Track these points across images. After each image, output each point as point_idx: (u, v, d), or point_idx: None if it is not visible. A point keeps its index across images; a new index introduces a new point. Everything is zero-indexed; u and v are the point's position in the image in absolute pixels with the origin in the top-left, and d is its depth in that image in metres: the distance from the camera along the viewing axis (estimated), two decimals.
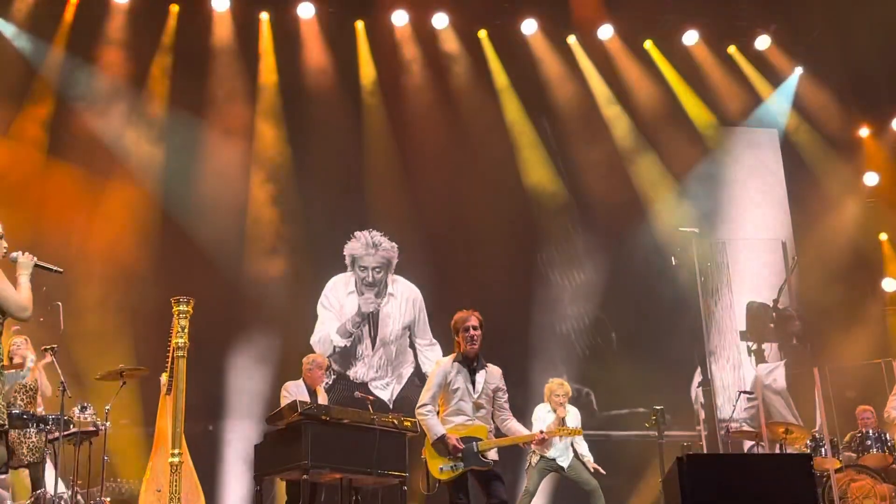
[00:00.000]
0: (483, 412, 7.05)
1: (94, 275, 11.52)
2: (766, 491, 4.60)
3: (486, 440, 6.96)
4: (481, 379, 7.06)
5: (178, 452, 7.57)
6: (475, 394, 7.03)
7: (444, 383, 7.03)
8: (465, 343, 7.05)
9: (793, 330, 13.80)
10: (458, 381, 7.02)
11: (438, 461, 6.93)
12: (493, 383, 7.14)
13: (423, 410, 7.03)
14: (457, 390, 7.00)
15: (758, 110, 14.40)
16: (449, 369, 7.06)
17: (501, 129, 13.67)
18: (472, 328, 7.06)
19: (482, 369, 7.10)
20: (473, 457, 6.88)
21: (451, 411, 7.03)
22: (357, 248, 12.75)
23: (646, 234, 13.56)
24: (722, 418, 12.90)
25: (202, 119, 12.57)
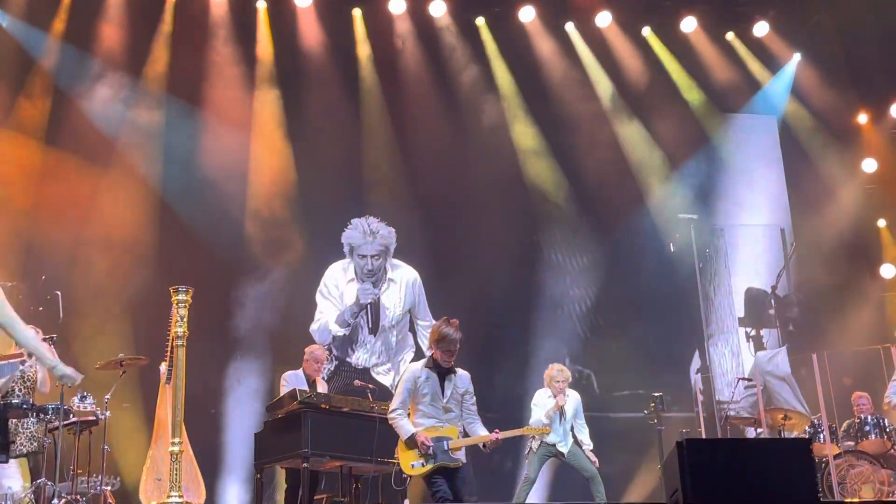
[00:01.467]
0: (452, 415, 7.32)
1: (93, 264, 11.52)
2: (765, 476, 4.61)
3: (456, 440, 7.22)
4: (450, 384, 7.32)
5: (178, 441, 7.58)
6: (444, 398, 7.29)
7: (414, 388, 7.28)
8: (444, 357, 7.27)
9: (790, 316, 13.82)
10: (428, 386, 7.26)
11: (410, 458, 7.18)
12: (462, 387, 7.40)
13: (393, 414, 7.30)
14: (426, 395, 7.26)
15: (756, 97, 14.38)
16: (419, 375, 7.30)
17: (500, 116, 13.66)
18: (453, 352, 7.28)
19: (451, 374, 7.35)
20: (443, 454, 7.14)
21: (421, 414, 7.29)
22: (355, 236, 12.75)
23: (645, 219, 13.58)
24: (720, 400, 12.95)
25: (200, 107, 12.56)
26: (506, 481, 11.69)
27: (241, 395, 11.76)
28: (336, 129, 13.05)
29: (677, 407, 12.72)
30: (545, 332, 12.97)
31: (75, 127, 12.02)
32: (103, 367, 9.28)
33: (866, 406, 10.94)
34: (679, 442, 4.68)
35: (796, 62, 14.31)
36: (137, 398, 10.84)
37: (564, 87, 13.84)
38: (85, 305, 11.24)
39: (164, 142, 12.31)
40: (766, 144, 14.50)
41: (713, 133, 14.18)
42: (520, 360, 12.66)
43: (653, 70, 14.09)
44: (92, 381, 9.59)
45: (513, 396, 12.47)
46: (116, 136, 12.17)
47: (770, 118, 14.57)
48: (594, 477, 9.27)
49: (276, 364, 11.62)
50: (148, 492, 8.81)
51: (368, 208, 12.97)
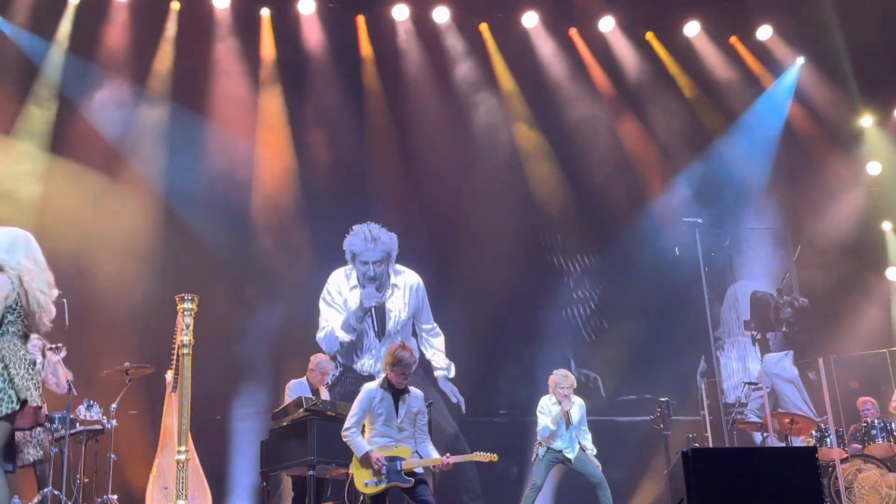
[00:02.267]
0: (405, 434, 7.52)
1: (98, 272, 11.53)
2: (770, 485, 4.61)
3: (409, 460, 7.39)
4: (404, 404, 7.52)
5: (185, 450, 7.58)
6: (398, 418, 7.49)
7: (369, 408, 7.51)
8: (398, 379, 7.48)
9: (786, 317, 13.79)
10: (383, 406, 7.48)
11: (363, 476, 7.38)
12: (416, 408, 7.61)
13: (347, 433, 7.50)
14: (381, 415, 7.48)
15: (760, 100, 14.36)
16: (374, 395, 7.52)
17: (502, 120, 13.67)
18: (407, 375, 7.51)
19: (405, 395, 7.55)
20: (396, 474, 7.34)
21: (375, 433, 7.50)
22: (356, 243, 12.73)
23: (649, 224, 13.57)
24: (727, 403, 12.93)
25: (204, 113, 12.58)
26: (512, 488, 11.69)
27: (247, 402, 11.77)
28: (340, 135, 13.07)
29: (683, 411, 12.70)
30: (550, 336, 12.97)
31: (80, 134, 12.05)
32: (109, 376, 9.29)
33: (872, 411, 10.93)
34: (684, 451, 4.68)
35: (800, 65, 14.29)
36: (143, 406, 10.84)
37: (567, 90, 13.84)
38: (91, 313, 11.23)
39: (169, 148, 12.32)
40: (771, 147, 14.47)
41: (717, 136, 14.16)
42: (524, 365, 12.66)
43: (656, 74, 14.08)
44: (98, 389, 9.63)
45: (517, 401, 12.48)
46: (121, 143, 12.19)
47: (774, 121, 14.53)
48: (601, 482, 9.26)
49: (281, 372, 11.61)
50: (154, 500, 8.81)
51: (372, 212, 12.97)
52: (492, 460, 7.92)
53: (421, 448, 7.59)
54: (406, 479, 7.34)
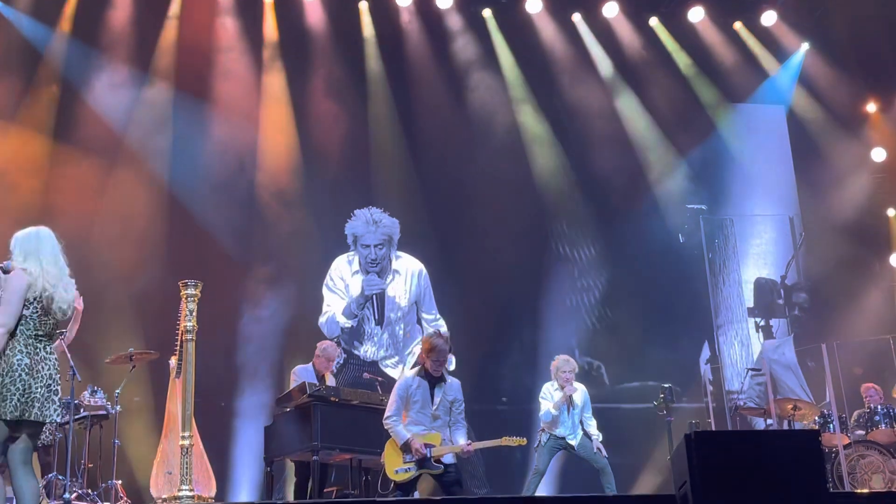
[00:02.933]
0: (439, 423, 7.62)
1: (102, 258, 11.53)
2: (774, 468, 4.61)
3: (438, 447, 7.49)
4: (440, 392, 7.62)
5: (189, 435, 7.60)
6: (433, 406, 7.59)
7: (406, 396, 7.61)
8: (434, 367, 7.60)
9: (798, 302, 13.79)
10: (419, 394, 7.59)
11: (395, 464, 7.49)
12: (452, 396, 7.69)
13: (388, 421, 7.60)
14: (416, 402, 7.59)
15: (764, 86, 14.33)
16: (411, 383, 7.64)
17: (506, 107, 13.65)
18: (442, 361, 7.62)
19: (442, 383, 7.65)
20: (426, 462, 7.44)
21: (410, 421, 7.60)
22: (358, 226, 12.73)
23: (653, 210, 13.56)
24: (730, 390, 12.94)
25: (207, 100, 12.57)
26: (515, 474, 11.72)
27: (251, 388, 11.79)
28: (342, 117, 13.05)
29: (687, 398, 12.71)
30: (553, 323, 12.98)
31: (83, 121, 12.06)
32: (113, 362, 9.31)
33: (875, 397, 10.92)
34: (687, 434, 4.68)
35: (804, 51, 14.25)
36: (148, 392, 10.87)
37: (571, 77, 13.83)
38: (94, 300, 11.20)
39: (172, 133, 12.33)
40: (775, 134, 14.45)
41: (721, 123, 14.14)
42: (528, 352, 12.67)
43: (660, 59, 14.05)
44: (102, 375, 9.65)
45: (520, 388, 12.48)
46: (124, 130, 12.20)
47: (778, 108, 14.52)
48: (604, 468, 9.25)
49: (285, 357, 11.65)
50: (159, 485, 8.83)
51: (375, 200, 12.96)
52: (521, 444, 8.02)
53: (452, 435, 7.65)
54: (435, 465, 7.43)
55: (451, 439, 7.64)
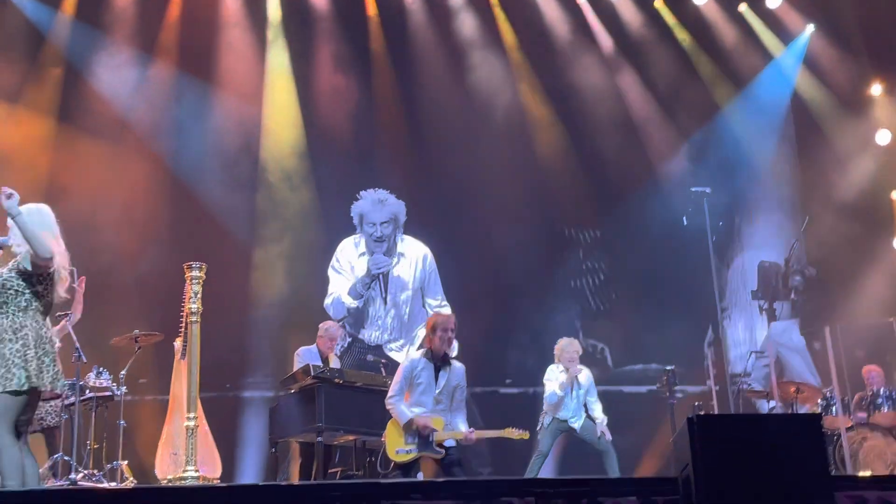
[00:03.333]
0: (442, 406, 7.58)
1: (107, 239, 11.56)
2: (776, 451, 4.62)
3: (440, 432, 7.46)
4: (444, 376, 7.58)
5: (194, 416, 7.66)
6: (437, 389, 7.56)
7: (411, 377, 7.58)
8: (441, 343, 7.56)
9: (794, 285, 13.78)
10: (423, 376, 7.56)
11: (396, 444, 7.49)
12: (455, 381, 7.65)
13: (391, 401, 7.59)
14: (420, 384, 7.56)
15: (769, 68, 14.26)
16: (416, 364, 7.62)
17: (511, 88, 13.61)
18: (451, 331, 7.59)
19: (447, 367, 7.61)
20: (427, 444, 7.44)
21: (412, 402, 7.57)
22: (364, 205, 12.72)
23: (657, 193, 13.52)
24: (734, 373, 12.96)
25: (211, 81, 12.56)
26: (518, 455, 11.75)
27: (256, 369, 11.82)
28: (346, 97, 13.03)
29: (690, 381, 12.74)
30: (557, 305, 12.99)
31: (87, 102, 12.06)
32: (118, 343, 9.35)
33: (877, 379, 10.93)
34: (690, 417, 4.70)
35: (809, 33, 14.18)
36: (153, 374, 10.91)
37: (574, 56, 13.77)
38: (99, 281, 11.27)
39: (176, 115, 12.32)
40: (779, 116, 14.39)
41: (725, 105, 14.09)
42: (532, 334, 12.68)
43: (665, 41, 14.00)
44: (107, 357, 9.69)
45: (524, 370, 12.51)
46: (128, 111, 12.19)
47: (783, 90, 14.45)
48: (607, 451, 9.31)
49: (290, 339, 11.67)
50: (164, 466, 8.89)
51: (379, 180, 12.95)
52: (523, 437, 7.95)
53: (453, 421, 7.65)
54: (437, 450, 7.44)
55: (452, 424, 7.65)
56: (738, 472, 4.59)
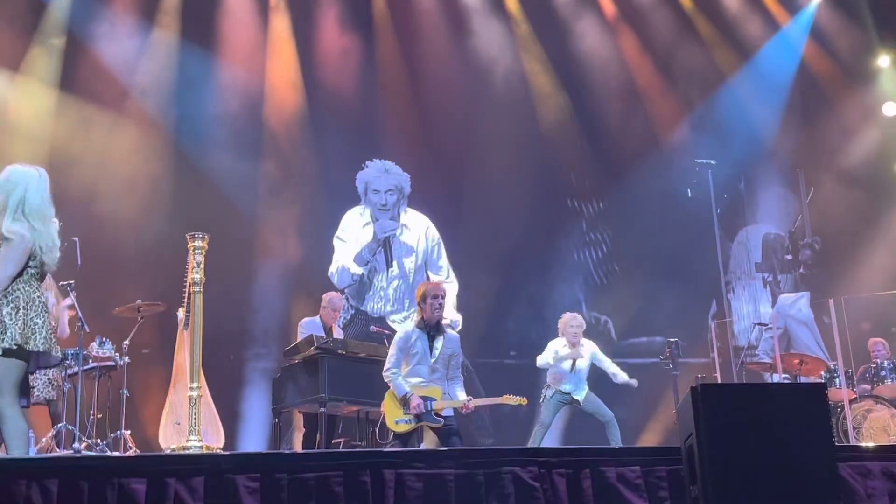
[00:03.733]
0: (438, 375, 7.62)
1: (109, 209, 11.54)
2: (780, 420, 4.61)
3: (439, 401, 7.50)
4: (439, 345, 7.61)
5: (197, 386, 7.65)
6: (432, 358, 7.58)
7: (406, 348, 7.61)
8: (433, 311, 7.58)
9: (804, 260, 13.76)
10: (418, 346, 7.59)
11: (395, 415, 7.54)
12: (450, 349, 7.67)
13: (388, 374, 7.63)
14: (416, 354, 7.59)
15: (775, 38, 14.16)
16: (410, 335, 7.64)
17: (514, 57, 13.52)
18: (440, 297, 7.62)
19: (441, 336, 7.63)
20: (426, 415, 7.48)
21: (408, 373, 7.61)
22: (369, 173, 12.73)
23: (662, 165, 13.48)
24: (737, 346, 12.96)
25: (213, 50, 12.50)
26: (521, 426, 11.78)
27: (259, 340, 11.83)
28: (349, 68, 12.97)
29: (693, 353, 12.74)
30: (561, 277, 12.98)
31: (88, 71, 11.99)
32: (121, 313, 9.34)
33: (882, 352, 10.93)
34: (693, 387, 4.68)
35: (816, 3, 14.07)
36: (155, 344, 10.91)
37: (579, 27, 13.68)
38: (102, 252, 11.26)
39: (178, 84, 12.25)
40: (785, 87, 14.31)
41: (731, 75, 14.00)
42: (535, 306, 12.69)
43: (670, 11, 13.90)
44: (110, 326, 9.69)
45: (528, 342, 12.50)
46: (130, 80, 12.13)
47: (789, 61, 14.36)
48: (610, 421, 9.34)
49: (293, 309, 11.68)
50: (167, 436, 8.90)
51: (382, 149, 12.92)
52: (521, 403, 7.98)
53: (451, 390, 7.68)
54: (435, 419, 7.47)
55: (450, 393, 7.67)
56: (742, 441, 4.58)
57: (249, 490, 5.27)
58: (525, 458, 5.74)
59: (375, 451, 6.21)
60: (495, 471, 5.62)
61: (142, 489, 5.15)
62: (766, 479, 4.51)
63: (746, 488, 4.51)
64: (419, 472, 5.54)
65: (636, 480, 5.74)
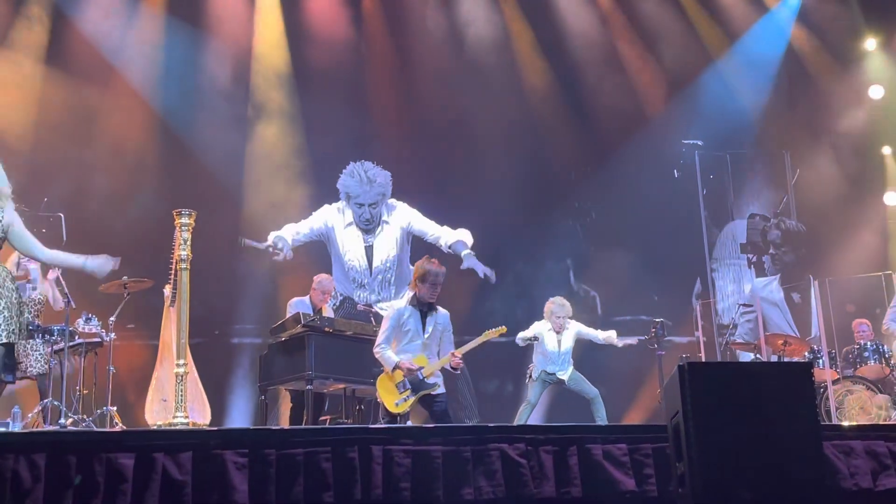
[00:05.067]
0: (429, 353, 7.57)
1: (95, 185, 11.50)
2: (766, 398, 4.65)
3: (427, 366, 7.48)
4: (431, 322, 7.59)
5: (183, 363, 7.65)
6: (425, 335, 7.56)
7: (398, 325, 7.59)
8: (429, 293, 7.55)
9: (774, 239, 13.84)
10: (410, 323, 7.56)
11: (392, 398, 7.48)
12: (442, 326, 7.65)
13: (377, 349, 7.59)
14: (408, 332, 7.55)
15: (763, 20, 14.17)
16: (403, 312, 7.63)
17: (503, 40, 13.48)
18: (440, 284, 7.59)
19: (433, 313, 7.62)
20: (420, 383, 7.45)
21: (400, 349, 7.56)
22: (352, 185, 12.53)
23: (649, 145, 13.47)
24: (721, 325, 13.04)
25: (200, 27, 12.41)
26: (506, 405, 11.83)
27: (246, 317, 11.82)
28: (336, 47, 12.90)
29: (678, 332, 12.80)
30: (549, 248, 12.96)
31: (75, 46, 11.90)
32: (107, 290, 9.31)
33: (867, 333, 11.01)
34: (681, 365, 4.71)
35: None
36: (142, 320, 10.90)
37: (568, 8, 13.64)
38: (88, 227, 11.23)
39: (164, 61, 12.17)
40: (772, 69, 14.33)
41: (718, 57, 14.01)
42: (521, 284, 12.70)
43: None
44: (96, 303, 9.66)
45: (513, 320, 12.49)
46: (116, 56, 12.04)
47: (777, 43, 14.37)
48: (595, 398, 9.40)
49: (280, 286, 11.68)
50: (153, 412, 8.91)
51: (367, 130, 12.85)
52: (502, 332, 7.99)
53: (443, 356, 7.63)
54: (430, 384, 7.44)
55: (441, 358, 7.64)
56: (728, 419, 4.62)
57: (237, 465, 5.29)
58: (512, 435, 5.78)
59: (363, 428, 6.23)
60: (482, 447, 5.66)
61: (129, 464, 5.16)
62: (752, 458, 4.55)
63: (733, 466, 4.56)
64: (407, 449, 5.57)
65: (622, 458, 5.79)
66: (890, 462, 6.02)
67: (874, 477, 5.98)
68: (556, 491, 5.64)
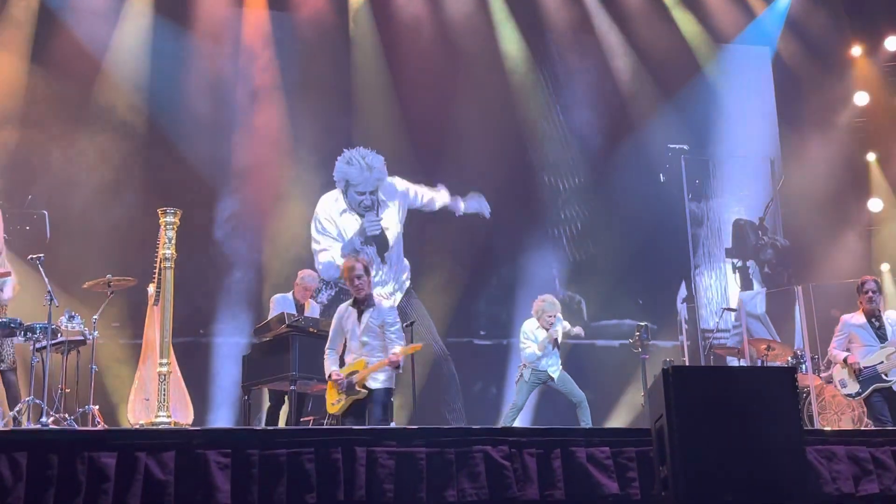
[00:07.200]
0: (368, 348, 7.47)
1: (79, 183, 11.44)
2: (750, 402, 4.67)
3: (360, 371, 7.38)
4: (367, 317, 7.49)
5: (167, 362, 7.63)
6: (359, 331, 7.48)
7: (340, 327, 7.60)
8: (353, 290, 7.54)
9: (768, 258, 13.89)
10: (349, 323, 7.55)
11: (330, 397, 7.54)
12: (380, 319, 7.53)
13: (325, 354, 7.63)
14: (349, 331, 7.55)
15: (750, 27, 14.23)
16: (343, 313, 7.61)
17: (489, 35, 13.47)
18: (356, 278, 7.49)
19: (370, 308, 7.52)
20: (350, 388, 7.39)
21: (346, 350, 7.59)
22: (352, 173, 12.54)
23: (635, 149, 13.50)
24: (705, 329, 13.08)
25: (188, 27, 12.36)
26: (491, 407, 11.84)
27: (230, 316, 11.78)
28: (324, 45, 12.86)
29: (662, 336, 12.83)
30: (535, 254, 12.97)
31: (61, 45, 11.82)
32: (91, 288, 9.27)
33: None
34: (665, 369, 4.73)
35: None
36: (125, 319, 10.84)
37: (557, 12, 13.65)
38: (72, 225, 11.19)
39: (151, 59, 12.11)
40: (759, 76, 14.40)
41: (706, 63, 14.06)
42: (506, 286, 12.69)
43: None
44: (80, 301, 9.62)
45: (498, 322, 12.54)
46: (103, 54, 11.97)
47: (763, 49, 14.45)
48: (581, 402, 9.39)
49: (264, 285, 11.65)
50: (136, 411, 8.87)
51: (357, 130, 12.82)
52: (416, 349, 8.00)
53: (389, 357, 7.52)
54: (359, 391, 7.36)
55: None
56: (712, 423, 4.64)
57: (220, 465, 5.27)
58: (496, 437, 5.78)
59: (347, 429, 6.22)
60: (466, 449, 5.66)
61: (111, 463, 5.14)
62: (735, 462, 4.57)
63: (715, 470, 4.57)
64: (390, 450, 5.56)
65: (605, 461, 5.79)
66: (872, 467, 6.05)
67: (856, 482, 6.00)
68: (539, 493, 5.65)
